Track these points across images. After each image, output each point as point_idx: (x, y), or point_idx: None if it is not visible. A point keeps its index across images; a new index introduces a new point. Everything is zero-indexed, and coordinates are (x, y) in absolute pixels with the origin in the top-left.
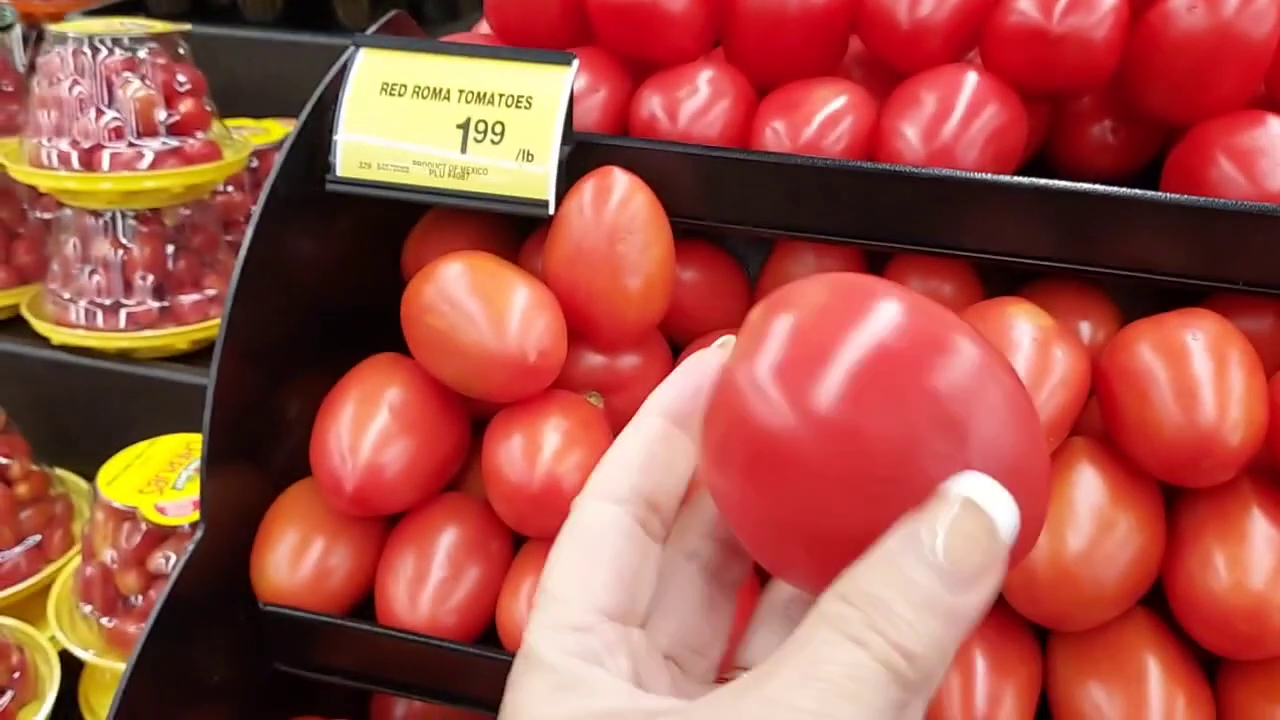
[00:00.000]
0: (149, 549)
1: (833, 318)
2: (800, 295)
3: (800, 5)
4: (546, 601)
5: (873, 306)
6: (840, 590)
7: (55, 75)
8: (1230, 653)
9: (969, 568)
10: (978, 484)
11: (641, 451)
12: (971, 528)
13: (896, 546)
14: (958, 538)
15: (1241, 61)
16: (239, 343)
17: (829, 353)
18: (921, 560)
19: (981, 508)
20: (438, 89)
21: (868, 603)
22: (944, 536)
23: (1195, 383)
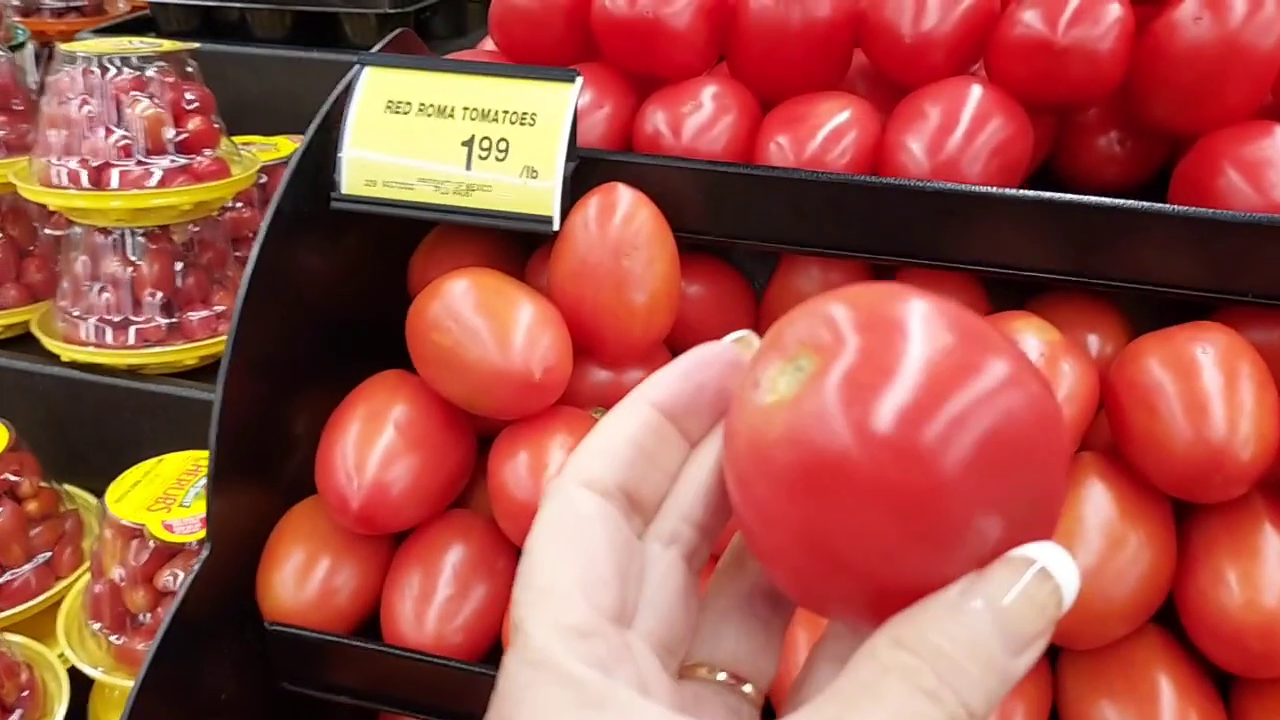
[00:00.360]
0: (157, 566)
1: (906, 339)
2: (863, 307)
3: (804, 20)
4: (542, 599)
5: (944, 329)
6: (903, 639)
7: (65, 94)
8: (1243, 671)
9: (1030, 632)
10: (1051, 553)
11: (629, 442)
12: (1040, 595)
13: (965, 602)
14: (1026, 603)
15: (1248, 71)
16: (245, 359)
17: (916, 379)
18: (989, 620)
19: (1053, 577)
20: (442, 106)
21: (936, 656)
22: (1014, 600)
23: (1205, 397)
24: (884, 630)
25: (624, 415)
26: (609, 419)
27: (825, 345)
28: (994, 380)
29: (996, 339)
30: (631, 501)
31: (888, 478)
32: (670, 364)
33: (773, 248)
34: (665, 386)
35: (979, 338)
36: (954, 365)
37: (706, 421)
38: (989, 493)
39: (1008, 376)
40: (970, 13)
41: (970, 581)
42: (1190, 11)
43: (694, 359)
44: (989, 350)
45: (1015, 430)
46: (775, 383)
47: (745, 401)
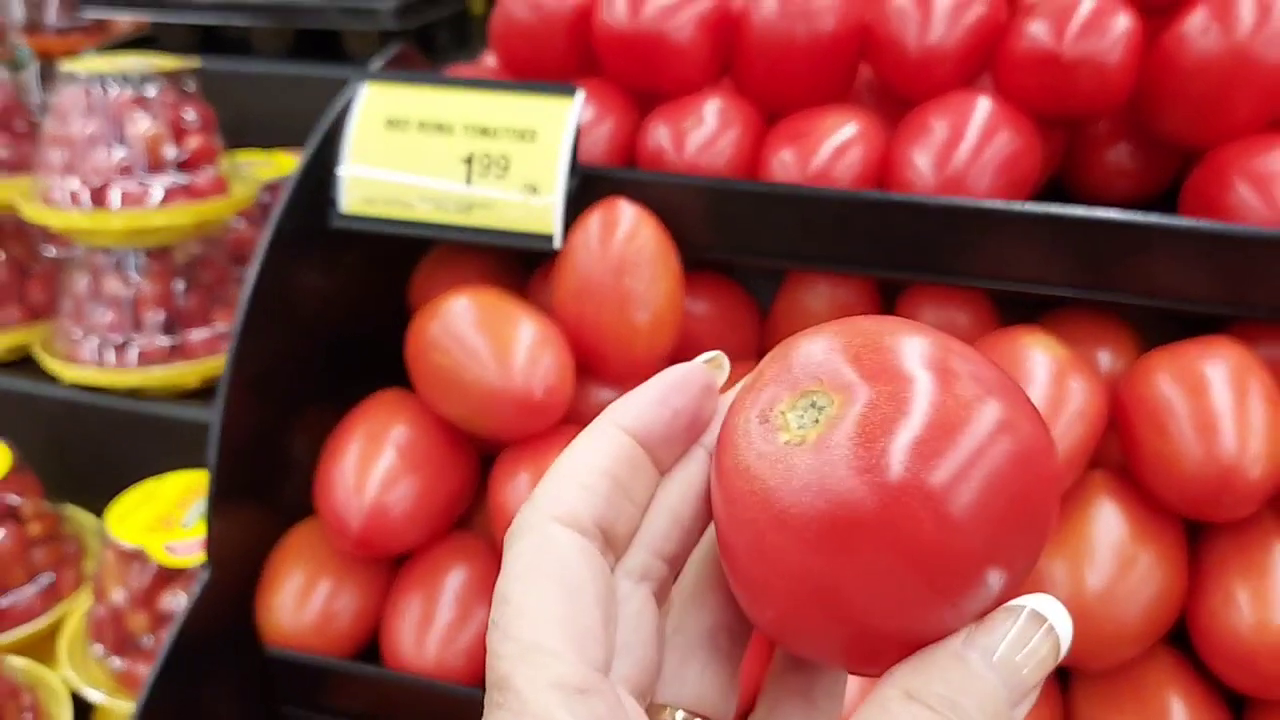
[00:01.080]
0: (158, 589)
1: (930, 385)
2: (876, 343)
3: (808, 33)
4: (532, 654)
5: (946, 374)
6: (915, 692)
7: (66, 114)
8: (1256, 692)
9: (1031, 683)
10: (1049, 605)
11: (604, 474)
12: (1042, 647)
13: (970, 654)
14: (1028, 654)
15: (1258, 84)
16: (245, 378)
17: (927, 422)
18: (995, 671)
19: (1054, 629)
20: (442, 123)
21: (947, 707)
22: (1019, 653)
23: (1215, 415)
24: (892, 681)
25: (596, 443)
26: (579, 446)
27: (845, 384)
28: (1014, 429)
29: (1003, 381)
30: (607, 538)
31: (916, 529)
32: (641, 387)
33: (777, 264)
34: (639, 413)
35: (990, 380)
36: (975, 413)
37: (679, 449)
38: (1006, 542)
39: (1022, 424)
40: (977, 25)
41: (973, 633)
42: (1199, 23)
43: (667, 382)
44: (1002, 397)
45: (1032, 478)
46: (786, 419)
47: (750, 435)
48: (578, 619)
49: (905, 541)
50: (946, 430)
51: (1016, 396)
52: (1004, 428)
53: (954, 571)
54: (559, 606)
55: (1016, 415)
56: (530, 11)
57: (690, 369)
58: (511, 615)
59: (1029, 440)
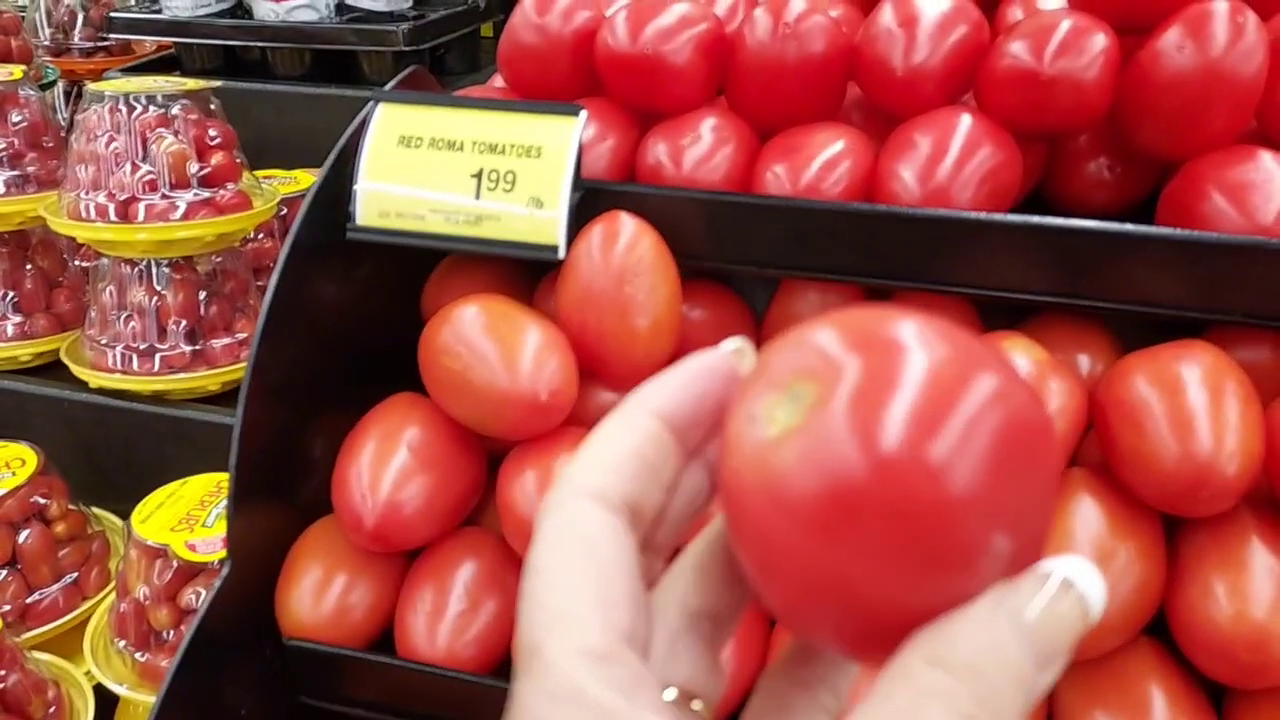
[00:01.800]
0: (180, 585)
1: (905, 355)
2: (849, 330)
3: (799, 55)
4: (560, 621)
5: (935, 342)
6: (938, 657)
7: (93, 132)
8: (1234, 682)
9: (1059, 647)
10: (1078, 566)
11: (634, 455)
12: (1068, 609)
13: (993, 618)
14: (1056, 617)
15: (1231, 98)
16: (265, 384)
17: (928, 397)
18: (1021, 635)
19: (1080, 591)
20: (452, 140)
21: (974, 677)
22: (1044, 614)
23: (1191, 414)
24: (915, 648)
25: (626, 425)
26: (610, 428)
27: (820, 371)
28: (1000, 392)
29: (984, 350)
30: (634, 516)
31: (909, 495)
32: (670, 371)
33: (771, 273)
34: (668, 396)
35: (970, 349)
36: (958, 378)
37: (704, 433)
38: (1006, 507)
39: (1010, 388)
40: (960, 45)
41: (999, 596)
42: (1174, 41)
43: (695, 368)
44: (984, 362)
45: (1027, 441)
46: (773, 414)
47: (742, 436)
48: (604, 589)
49: (898, 511)
50: (931, 395)
51: (999, 363)
52: (987, 390)
53: (952, 538)
54: (587, 577)
55: (1001, 378)
56: (536, 35)
57: (716, 356)
58: (541, 585)
59: (1010, 394)
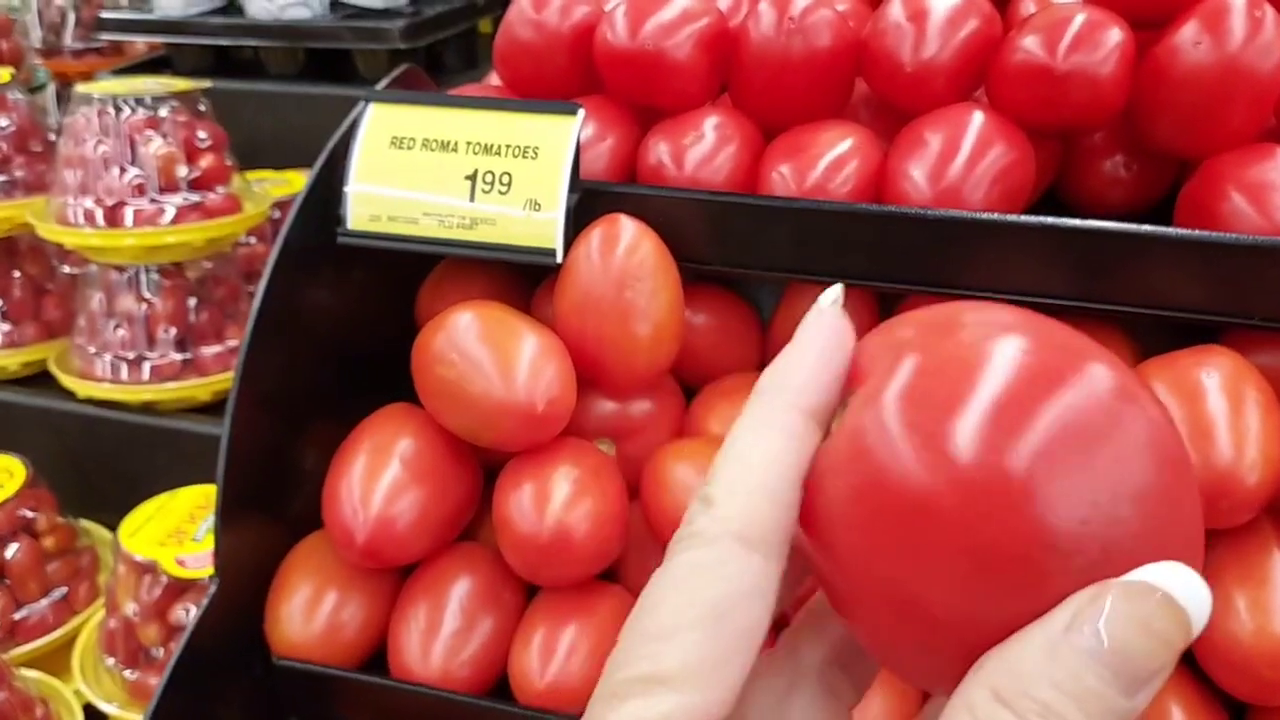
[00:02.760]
0: (170, 601)
1: (972, 349)
2: (912, 325)
3: (804, 50)
4: (653, 687)
5: (1038, 346)
6: (1002, 692)
7: (80, 135)
8: (1255, 699)
9: (1150, 669)
10: (1174, 575)
11: (794, 481)
12: (1162, 624)
13: (1071, 640)
14: (1144, 634)
15: (1250, 94)
16: (253, 393)
17: (1019, 402)
18: (1100, 660)
19: (1177, 602)
20: (446, 141)
21: (1042, 713)
22: (1130, 633)
23: (1210, 422)
24: (977, 676)
25: (780, 436)
26: (757, 437)
27: (877, 368)
28: (1091, 388)
29: (1087, 345)
30: (784, 545)
31: (969, 508)
32: (799, 350)
33: (777, 277)
34: (815, 389)
35: (1066, 345)
36: (1036, 372)
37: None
38: (1094, 516)
39: (1110, 384)
40: (971, 40)
41: (1076, 612)
42: (1190, 35)
43: (823, 344)
44: (1081, 357)
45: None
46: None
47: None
48: (733, 651)
49: (952, 515)
50: (996, 388)
51: (1090, 349)
52: (1054, 376)
53: (1016, 553)
54: (711, 635)
55: (1086, 364)
56: (533, 31)
57: (837, 321)
58: (649, 632)
59: (1104, 390)
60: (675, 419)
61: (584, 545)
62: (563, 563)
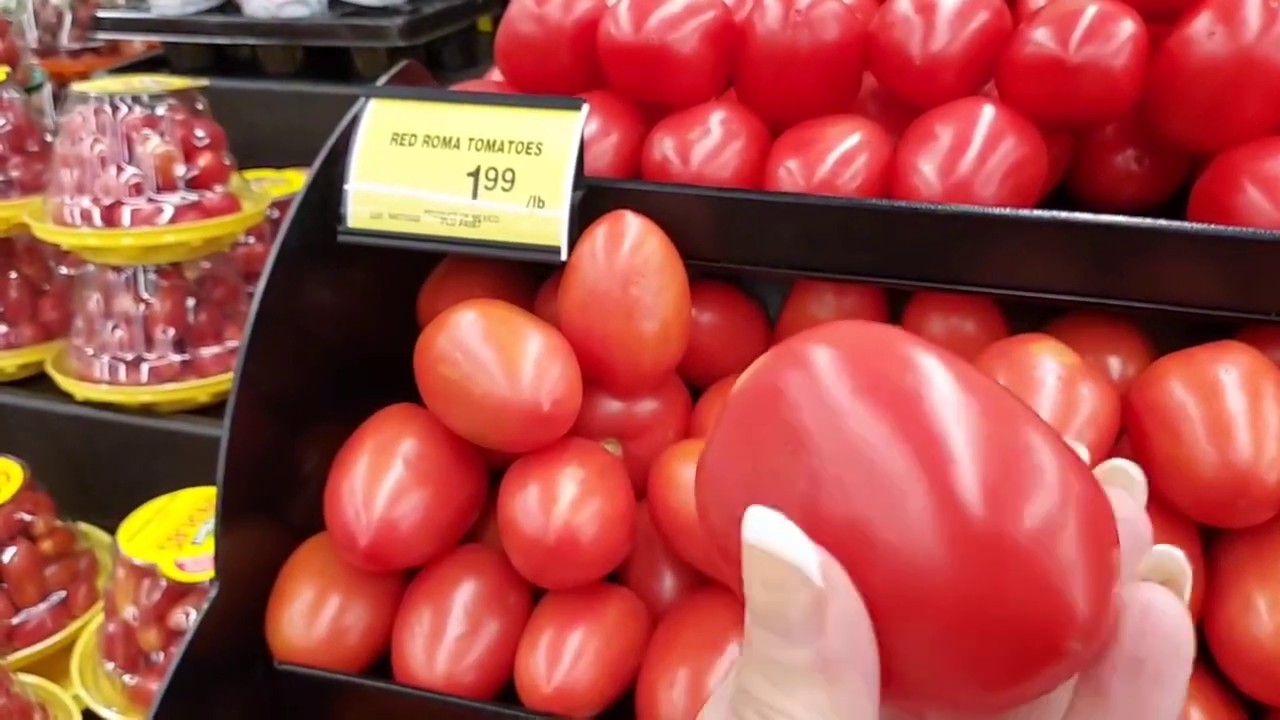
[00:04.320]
0: (169, 605)
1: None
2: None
3: (812, 43)
4: None
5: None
6: (729, 696)
7: (77, 134)
8: (1274, 701)
9: (773, 610)
10: (756, 525)
11: None
12: (754, 570)
13: (746, 621)
14: (752, 586)
15: (1264, 86)
16: (253, 395)
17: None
18: (761, 627)
19: (762, 548)
20: (447, 137)
21: (744, 702)
22: (758, 594)
23: (1229, 419)
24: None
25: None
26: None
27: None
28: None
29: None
30: None
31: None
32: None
33: (784, 274)
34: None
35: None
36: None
37: None
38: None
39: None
40: (981, 32)
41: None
42: (1204, 27)
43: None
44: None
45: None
46: None
47: None
48: None
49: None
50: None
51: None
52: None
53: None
54: None
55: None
56: (535, 26)
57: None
58: None
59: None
60: (682, 418)
61: (591, 547)
62: (569, 565)
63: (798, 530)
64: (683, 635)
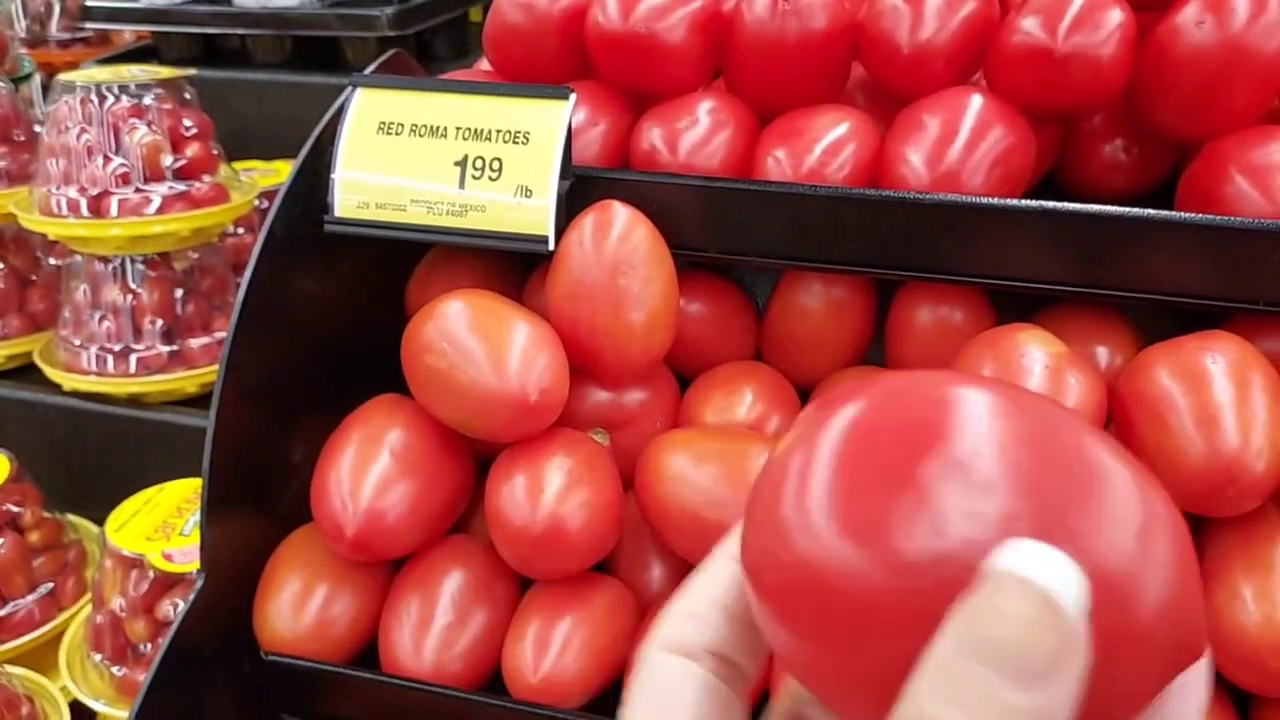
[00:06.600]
0: (157, 596)
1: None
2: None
3: (800, 32)
4: None
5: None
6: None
7: (63, 124)
8: (1262, 690)
9: (1028, 657)
10: (1022, 553)
11: (714, 604)
12: (1018, 606)
13: (949, 649)
14: (1004, 623)
15: (1253, 76)
16: (239, 385)
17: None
18: (982, 661)
19: (1031, 581)
20: (434, 126)
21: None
22: (990, 626)
23: (1216, 408)
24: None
25: (709, 576)
26: (695, 578)
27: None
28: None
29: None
30: (723, 664)
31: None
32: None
33: (772, 263)
34: None
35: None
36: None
37: None
38: None
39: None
40: (969, 22)
41: (950, 618)
42: (1193, 16)
43: None
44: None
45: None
46: None
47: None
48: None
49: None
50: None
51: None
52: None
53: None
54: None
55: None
56: (522, 14)
57: None
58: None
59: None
60: (670, 408)
61: (578, 537)
62: (556, 555)
63: (1083, 576)
64: None
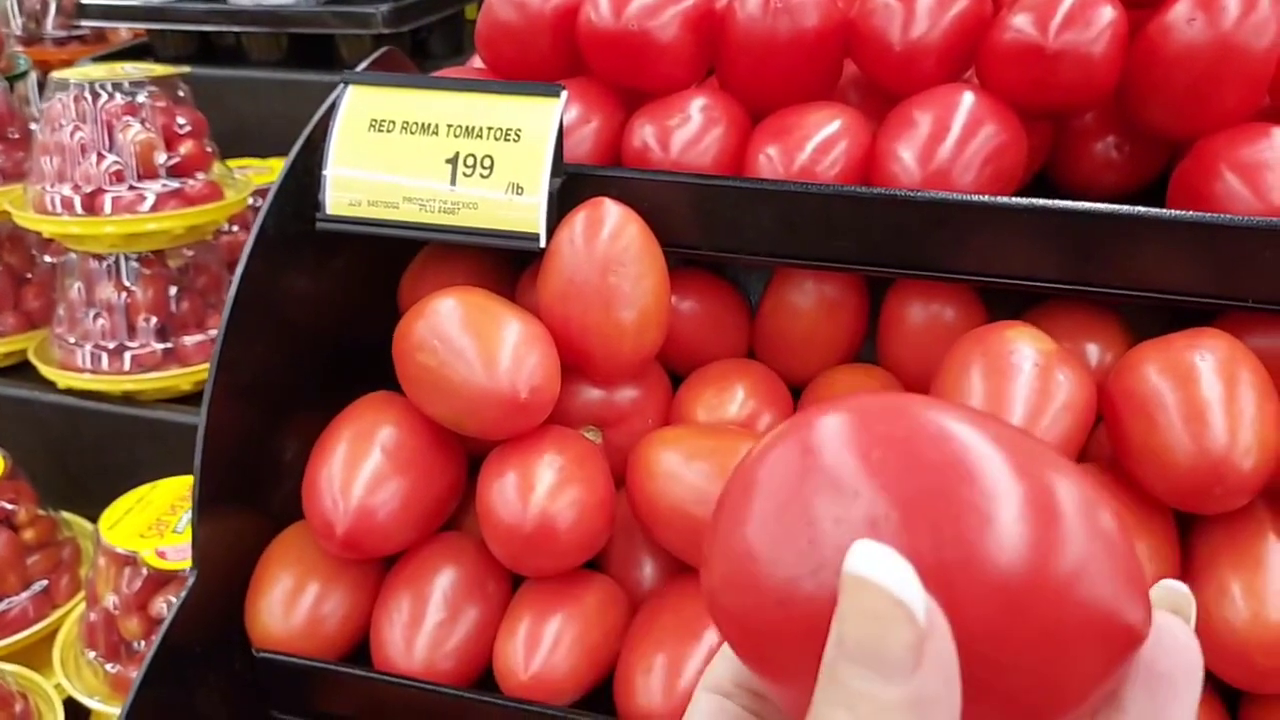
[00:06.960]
0: (150, 594)
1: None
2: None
3: (792, 30)
4: None
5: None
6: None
7: (57, 121)
8: (1249, 686)
9: (874, 649)
10: (860, 553)
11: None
12: (872, 604)
13: (830, 655)
14: (868, 621)
15: (1243, 74)
16: (231, 383)
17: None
18: (853, 661)
19: (869, 579)
20: (426, 123)
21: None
22: (846, 625)
23: (1205, 406)
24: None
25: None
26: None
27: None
28: None
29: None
30: (756, 698)
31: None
32: None
33: (764, 261)
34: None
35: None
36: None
37: None
38: None
39: None
40: (961, 19)
41: (831, 627)
42: (1184, 13)
43: None
44: None
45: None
46: None
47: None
48: None
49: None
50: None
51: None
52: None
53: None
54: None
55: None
56: (515, 12)
57: None
58: None
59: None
60: (662, 406)
61: (569, 535)
62: (547, 552)
63: (908, 566)
64: (661, 622)
